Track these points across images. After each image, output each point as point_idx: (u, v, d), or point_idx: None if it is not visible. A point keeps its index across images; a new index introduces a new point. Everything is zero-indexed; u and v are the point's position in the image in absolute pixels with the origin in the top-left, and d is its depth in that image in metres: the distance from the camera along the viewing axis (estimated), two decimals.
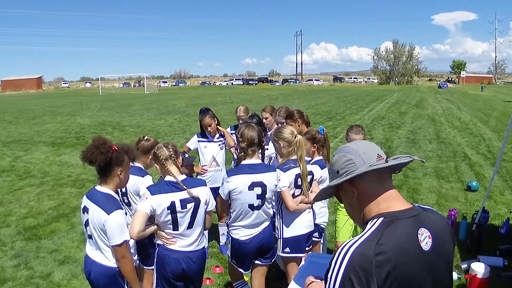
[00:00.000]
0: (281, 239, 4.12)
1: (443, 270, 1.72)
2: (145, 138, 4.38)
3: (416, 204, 1.78)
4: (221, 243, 6.17)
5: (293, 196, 4.05)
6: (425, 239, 1.65)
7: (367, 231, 1.63)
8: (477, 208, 7.31)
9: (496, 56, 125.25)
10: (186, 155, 5.02)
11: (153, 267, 3.95)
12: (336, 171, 1.78)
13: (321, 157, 4.60)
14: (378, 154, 1.75)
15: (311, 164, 4.49)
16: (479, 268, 4.69)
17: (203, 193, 3.52)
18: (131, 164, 3.40)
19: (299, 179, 4.04)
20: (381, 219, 1.65)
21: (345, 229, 5.01)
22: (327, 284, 1.59)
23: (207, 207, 3.57)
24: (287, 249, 4.13)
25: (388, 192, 1.73)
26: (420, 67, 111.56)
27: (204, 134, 5.88)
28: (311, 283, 2.01)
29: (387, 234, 1.59)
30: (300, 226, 4.14)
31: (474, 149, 13.48)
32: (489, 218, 6.87)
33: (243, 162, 3.88)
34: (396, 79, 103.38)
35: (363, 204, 1.75)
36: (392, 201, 1.71)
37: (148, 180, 4.06)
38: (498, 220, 7.17)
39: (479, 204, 7.74)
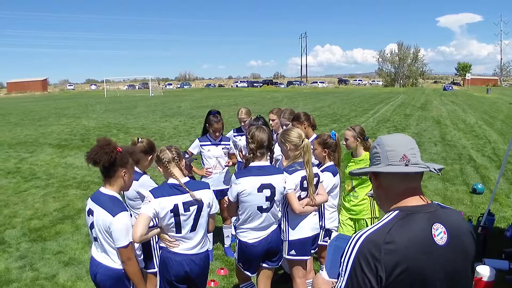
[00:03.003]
0: (287, 241, 4.10)
1: (460, 265, 1.76)
2: (139, 140, 4.36)
3: (435, 202, 1.84)
4: (225, 245, 6.17)
5: (299, 198, 4.03)
6: (439, 234, 1.71)
7: (381, 221, 1.73)
8: (482, 210, 7.28)
9: (501, 58, 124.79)
10: (186, 156, 5.02)
11: (154, 270, 3.96)
12: (369, 158, 1.93)
13: (332, 163, 4.58)
14: (404, 154, 1.80)
15: (323, 170, 4.48)
16: (484, 271, 4.67)
17: (206, 196, 3.52)
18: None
19: (305, 182, 4.02)
20: (396, 212, 1.74)
21: (346, 229, 5.01)
22: (340, 268, 1.70)
23: (210, 210, 3.57)
24: (293, 252, 4.11)
25: (409, 189, 1.81)
26: (425, 69, 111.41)
27: (206, 137, 5.86)
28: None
29: (399, 225, 1.68)
30: (306, 229, 4.12)
31: (480, 152, 13.42)
32: (494, 221, 6.83)
33: (252, 164, 3.86)
34: (401, 81, 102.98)
35: (382, 195, 1.88)
36: (410, 197, 1.79)
37: (145, 180, 4.05)
38: (503, 223, 7.13)
39: (484, 206, 7.70)
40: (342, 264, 1.69)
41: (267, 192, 3.77)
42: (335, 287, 1.73)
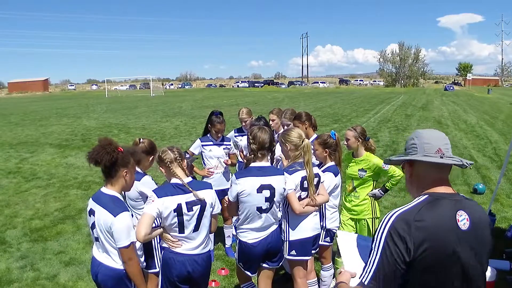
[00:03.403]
0: (287, 241, 4.10)
1: (479, 252, 1.92)
2: (141, 140, 4.37)
3: (461, 194, 2.05)
4: (226, 246, 6.17)
5: (299, 198, 4.02)
6: (463, 220, 1.90)
7: (411, 203, 1.94)
8: None
9: (502, 59, 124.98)
10: (187, 156, 5.01)
11: (155, 270, 3.96)
12: (405, 148, 2.11)
13: (333, 163, 4.57)
14: (439, 148, 2.00)
15: (324, 170, 4.48)
16: None
17: (209, 195, 3.52)
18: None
19: (305, 182, 4.02)
20: (426, 196, 1.95)
21: (346, 229, 5.00)
22: (373, 244, 1.89)
23: (212, 210, 3.57)
24: (293, 252, 4.10)
25: (439, 179, 2.00)
26: (426, 69, 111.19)
27: (207, 137, 5.86)
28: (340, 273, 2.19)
29: (428, 208, 1.88)
30: (306, 229, 4.12)
31: (481, 152, 13.42)
32: (495, 221, 6.83)
33: (252, 164, 3.86)
34: (402, 82, 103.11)
35: (414, 183, 2.06)
36: (439, 186, 1.99)
37: (147, 180, 4.06)
38: (504, 223, 7.13)
39: (485, 207, 7.68)
40: (375, 240, 1.88)
41: (266, 193, 3.77)
42: (368, 260, 1.88)
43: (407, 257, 1.81)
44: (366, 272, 1.87)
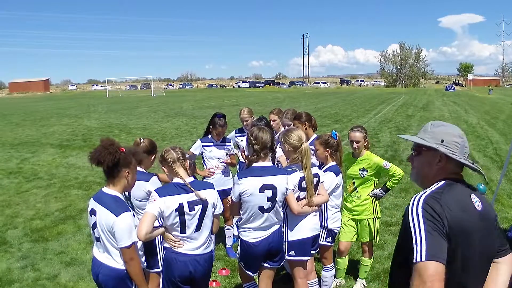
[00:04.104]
0: (286, 242, 4.10)
1: (491, 232, 2.12)
2: (142, 140, 4.37)
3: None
4: (227, 246, 6.17)
5: (298, 199, 4.03)
6: (476, 202, 2.09)
7: (433, 187, 2.08)
8: None
9: (503, 59, 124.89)
10: (187, 155, 5.01)
11: (157, 269, 3.96)
12: (441, 139, 2.15)
13: (334, 163, 4.56)
14: (468, 153, 2.21)
15: (325, 170, 4.47)
16: None
17: (211, 196, 3.53)
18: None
19: (303, 182, 4.02)
20: (443, 181, 2.11)
21: (347, 229, 5.00)
22: (411, 227, 1.94)
23: (214, 210, 3.57)
24: (292, 252, 4.11)
25: (457, 172, 2.19)
26: (427, 69, 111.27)
27: (208, 138, 5.86)
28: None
29: (449, 190, 2.04)
30: (305, 229, 4.12)
31: (481, 152, 13.42)
32: None
33: (255, 164, 3.86)
34: (403, 82, 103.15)
35: (438, 172, 2.16)
36: (454, 175, 2.17)
37: (154, 181, 4.06)
38: (505, 224, 7.12)
39: None
40: (411, 223, 1.94)
41: (268, 193, 3.77)
42: (414, 241, 1.91)
43: (445, 232, 1.91)
44: (417, 251, 1.88)
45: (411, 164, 2.32)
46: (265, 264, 4.02)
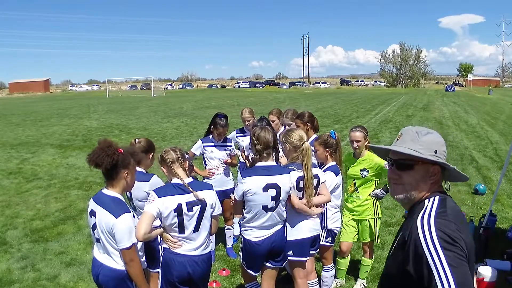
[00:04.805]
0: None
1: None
2: (137, 140, 4.37)
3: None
4: (227, 246, 6.17)
5: None
6: (463, 214, 2.02)
7: (431, 205, 1.88)
8: (484, 211, 7.27)
9: (503, 59, 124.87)
10: (187, 156, 5.01)
11: (158, 269, 3.95)
12: (434, 150, 1.95)
13: (334, 163, 4.57)
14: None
15: (325, 170, 4.48)
16: (486, 271, 4.67)
17: (209, 196, 3.53)
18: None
19: (301, 182, 4.02)
20: (437, 196, 1.93)
21: (349, 230, 5.00)
22: (427, 253, 1.70)
23: (213, 211, 3.57)
24: (290, 252, 4.11)
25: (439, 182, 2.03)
26: (427, 70, 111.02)
27: (208, 138, 5.85)
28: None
29: (448, 206, 1.88)
30: (304, 230, 4.12)
31: (481, 152, 13.41)
32: (496, 221, 6.83)
33: (258, 164, 3.88)
34: (403, 82, 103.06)
35: (431, 187, 1.97)
36: (438, 188, 2.01)
37: (155, 180, 4.06)
38: (505, 224, 7.12)
39: (486, 207, 7.69)
40: (427, 250, 1.71)
41: (272, 192, 3.78)
42: (436, 277, 1.67)
43: (465, 256, 1.72)
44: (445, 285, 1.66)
45: (393, 180, 2.02)
46: (268, 264, 4.02)
